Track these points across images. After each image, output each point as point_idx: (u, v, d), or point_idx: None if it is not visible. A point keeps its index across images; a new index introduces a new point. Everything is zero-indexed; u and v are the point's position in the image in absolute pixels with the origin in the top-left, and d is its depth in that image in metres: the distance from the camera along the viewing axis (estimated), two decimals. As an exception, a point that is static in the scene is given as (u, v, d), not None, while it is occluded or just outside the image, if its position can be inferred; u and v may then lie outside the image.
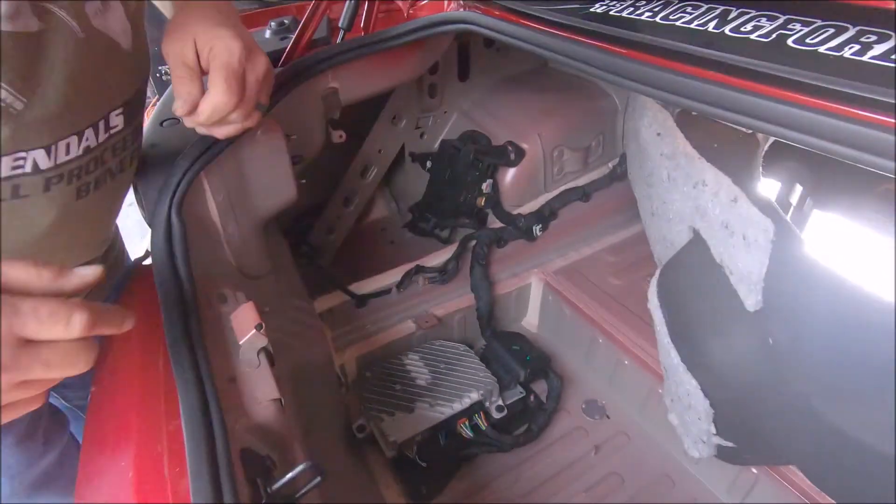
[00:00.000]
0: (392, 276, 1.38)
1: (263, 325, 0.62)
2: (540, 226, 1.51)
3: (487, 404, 1.19)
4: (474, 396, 1.16)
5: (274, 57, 1.00)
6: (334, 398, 1.16)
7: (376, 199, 1.87)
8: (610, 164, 1.69)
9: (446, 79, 1.58)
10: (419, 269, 1.38)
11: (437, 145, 1.63)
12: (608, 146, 1.69)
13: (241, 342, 0.60)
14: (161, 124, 0.81)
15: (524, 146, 1.52)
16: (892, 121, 0.39)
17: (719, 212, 0.75)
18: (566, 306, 1.41)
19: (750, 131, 0.77)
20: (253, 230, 0.88)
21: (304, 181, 0.98)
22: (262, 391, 0.58)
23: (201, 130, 0.66)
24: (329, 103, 1.02)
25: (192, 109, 0.61)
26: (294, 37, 1.01)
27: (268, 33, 1.08)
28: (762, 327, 0.70)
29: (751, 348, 0.72)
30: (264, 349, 0.63)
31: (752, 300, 0.70)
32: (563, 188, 1.61)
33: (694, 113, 0.91)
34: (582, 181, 1.64)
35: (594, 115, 1.63)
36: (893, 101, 0.39)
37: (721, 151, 0.76)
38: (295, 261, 1.39)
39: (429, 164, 1.59)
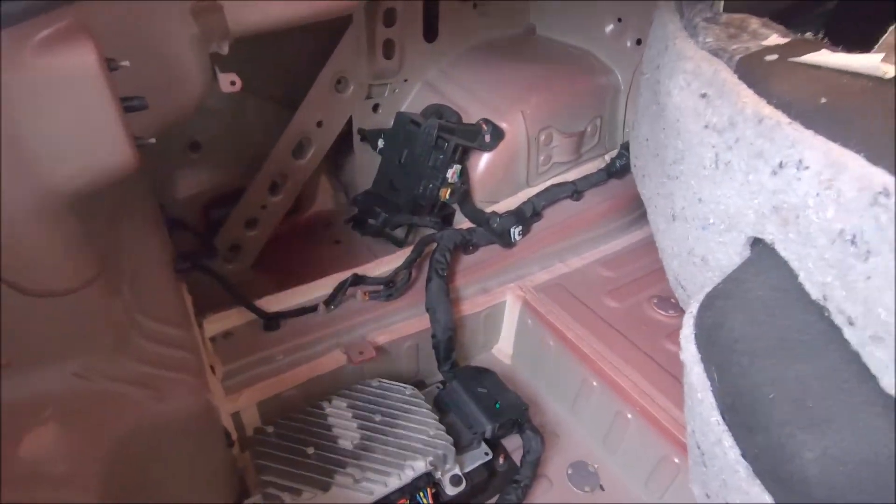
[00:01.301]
0: (320, 289, 1.03)
1: None
2: (519, 228, 1.19)
3: (439, 475, 0.85)
4: (420, 466, 0.82)
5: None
6: (215, 465, 0.80)
7: (320, 188, 1.51)
8: (607, 157, 1.38)
9: (407, 36, 1.24)
10: (357, 280, 1.03)
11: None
12: (606, 134, 1.38)
13: None
14: None
15: (503, 125, 1.20)
16: None
17: (834, 214, 0.43)
18: (550, 334, 1.08)
19: (890, 75, 0.45)
20: (39, 212, 0.52)
21: (153, 141, 0.62)
22: None
23: None
24: (208, 26, 0.67)
25: None
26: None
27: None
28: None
29: (894, 464, 0.40)
30: None
31: (901, 377, 0.38)
32: (549, 182, 1.29)
33: (771, 57, 0.59)
34: (573, 175, 1.33)
35: (591, 94, 1.32)
36: None
37: (837, 112, 0.44)
38: (190, 260, 1.03)
39: (381, 143, 1.24)
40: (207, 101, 0.75)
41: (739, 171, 0.57)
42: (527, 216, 1.22)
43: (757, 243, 0.58)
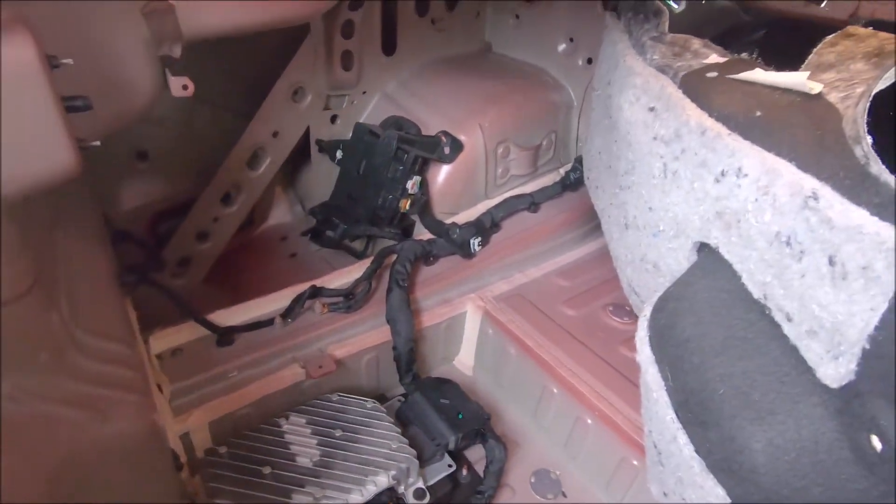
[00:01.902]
0: (277, 301, 1.00)
1: None
2: (479, 239, 1.20)
3: (402, 489, 0.84)
4: (382, 481, 0.80)
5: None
6: (161, 490, 0.75)
7: (276, 200, 1.48)
8: (562, 170, 1.43)
9: (366, 49, 1.24)
10: (316, 292, 1.01)
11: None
12: (560, 148, 1.42)
13: None
14: None
15: (462, 138, 1.21)
16: None
17: (771, 217, 0.46)
18: (510, 343, 1.09)
19: (816, 91, 0.49)
20: (-35, 222, 0.48)
21: (97, 143, 0.59)
22: None
23: None
24: (159, 28, 0.65)
25: None
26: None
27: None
28: (856, 417, 0.41)
29: (828, 448, 0.43)
30: None
31: (835, 370, 0.41)
32: (507, 194, 1.32)
33: (712, 74, 0.64)
34: (530, 187, 1.37)
35: (546, 109, 1.36)
36: None
37: (770, 124, 0.48)
38: (135, 273, 0.97)
39: (339, 154, 1.23)
40: (155, 108, 0.72)
41: (686, 179, 0.61)
42: (486, 227, 1.23)
43: (703, 248, 0.62)
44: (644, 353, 0.62)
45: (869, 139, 0.42)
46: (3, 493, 0.50)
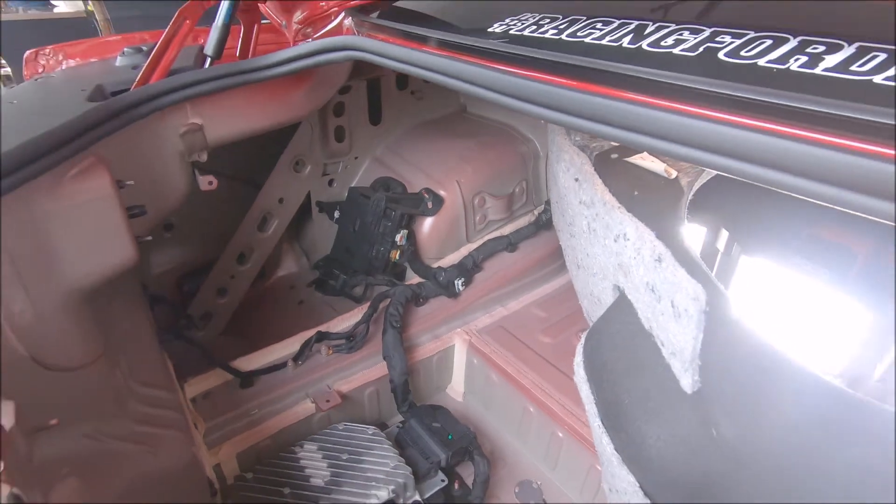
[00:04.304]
0: (288, 347, 1.17)
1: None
2: (462, 280, 1.37)
3: (401, 502, 0.98)
4: (383, 495, 0.95)
5: (123, 89, 0.82)
6: (201, 513, 0.91)
7: (284, 254, 1.67)
8: (535, 212, 1.61)
9: (355, 122, 1.45)
10: (321, 337, 1.18)
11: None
12: (532, 193, 1.61)
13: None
14: None
15: (442, 193, 1.40)
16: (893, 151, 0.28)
17: (643, 272, 0.63)
18: (493, 371, 1.25)
19: (673, 176, 0.67)
20: (62, 305, 0.66)
21: (149, 238, 0.78)
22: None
23: None
24: (191, 143, 0.84)
25: None
26: (146, 63, 0.83)
27: (119, 60, 0.90)
28: (704, 414, 0.57)
29: (694, 439, 0.59)
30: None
31: (687, 380, 0.57)
32: (486, 238, 1.49)
33: (614, 155, 0.82)
34: (508, 230, 1.54)
35: (516, 161, 1.55)
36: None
37: (643, 200, 0.66)
38: (172, 332, 1.15)
39: (336, 214, 1.42)
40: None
41: (600, 236, 0.78)
42: (468, 269, 1.41)
43: (617, 289, 0.79)
44: (579, 375, 0.78)
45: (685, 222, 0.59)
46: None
